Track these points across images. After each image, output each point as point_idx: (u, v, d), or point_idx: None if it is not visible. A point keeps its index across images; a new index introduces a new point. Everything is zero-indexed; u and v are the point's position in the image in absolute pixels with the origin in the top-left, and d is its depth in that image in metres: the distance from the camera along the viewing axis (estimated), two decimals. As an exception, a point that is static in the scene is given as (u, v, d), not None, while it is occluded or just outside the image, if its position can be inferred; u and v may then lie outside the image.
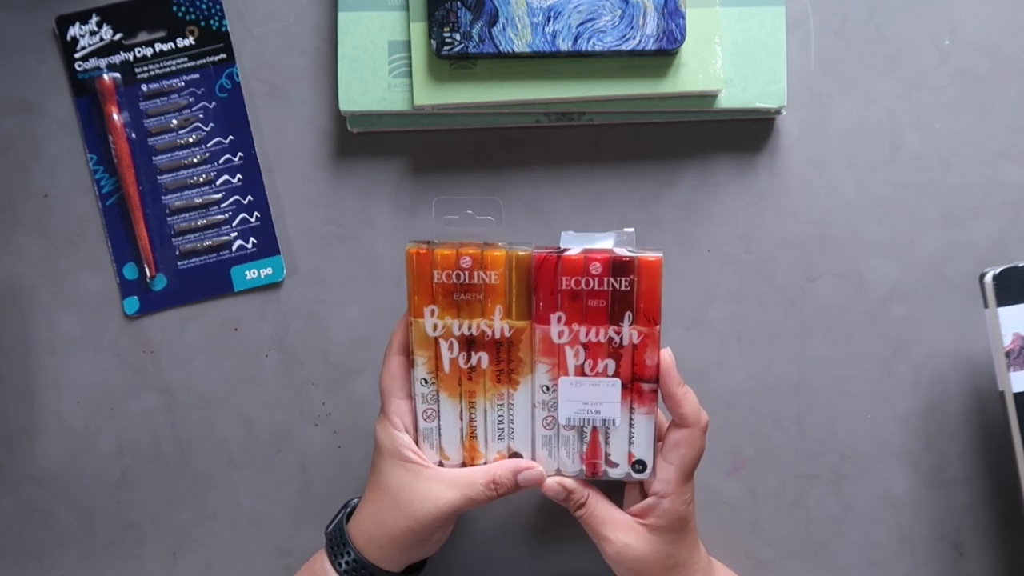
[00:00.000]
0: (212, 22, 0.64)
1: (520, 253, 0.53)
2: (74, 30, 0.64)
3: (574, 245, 0.53)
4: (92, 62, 0.64)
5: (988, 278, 0.57)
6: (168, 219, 0.64)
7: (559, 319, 0.53)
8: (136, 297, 0.65)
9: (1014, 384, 0.57)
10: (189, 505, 0.64)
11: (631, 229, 0.53)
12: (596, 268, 0.52)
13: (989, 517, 0.63)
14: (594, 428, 0.54)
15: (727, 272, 0.64)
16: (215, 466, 0.65)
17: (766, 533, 0.64)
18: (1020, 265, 0.57)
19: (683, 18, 0.59)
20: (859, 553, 0.64)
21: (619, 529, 0.54)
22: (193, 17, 0.64)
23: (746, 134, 0.64)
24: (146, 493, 0.65)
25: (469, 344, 0.54)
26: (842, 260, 0.64)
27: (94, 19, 0.64)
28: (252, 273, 0.65)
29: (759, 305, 0.64)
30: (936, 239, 0.64)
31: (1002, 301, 0.57)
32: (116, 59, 0.64)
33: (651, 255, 0.52)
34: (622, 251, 0.53)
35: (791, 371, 0.64)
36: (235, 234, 0.65)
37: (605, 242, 0.53)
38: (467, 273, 0.53)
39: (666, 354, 0.54)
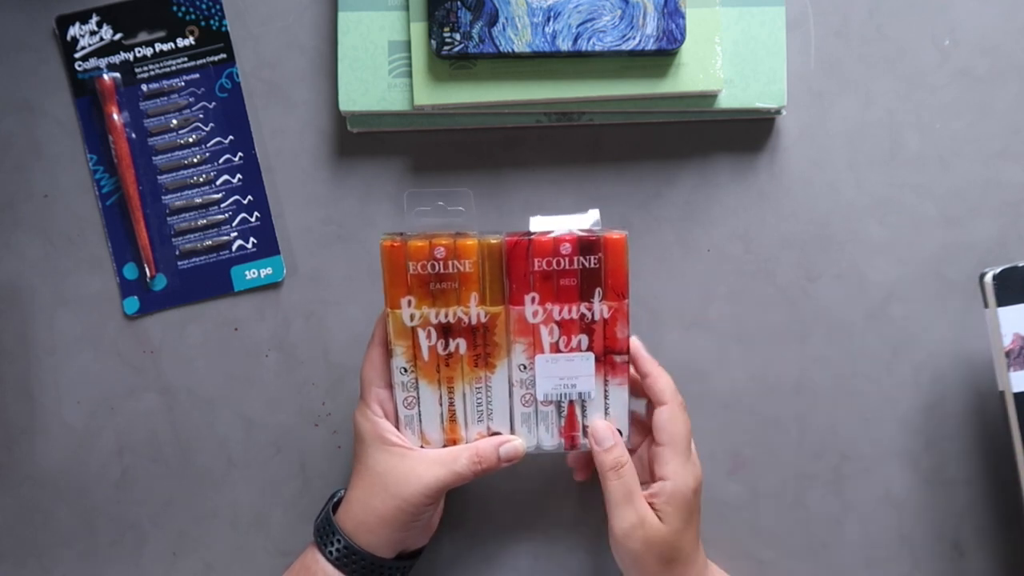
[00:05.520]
0: (212, 22, 0.64)
1: (492, 241, 0.55)
2: (74, 30, 0.64)
3: (543, 228, 0.55)
4: (92, 62, 0.64)
5: (988, 278, 0.57)
6: (168, 219, 0.64)
7: (533, 299, 0.55)
8: (136, 297, 0.65)
9: (1014, 384, 0.57)
10: (189, 505, 0.65)
11: (595, 209, 0.56)
12: (566, 248, 0.54)
13: (989, 517, 0.63)
14: (571, 402, 0.56)
15: (727, 272, 0.64)
16: (215, 466, 0.65)
17: (766, 533, 0.64)
18: (1020, 265, 0.57)
19: (683, 18, 0.59)
20: (859, 553, 0.64)
21: (638, 505, 0.54)
22: (193, 17, 0.64)
23: (746, 134, 0.64)
24: (146, 493, 0.65)
25: (446, 331, 0.56)
26: (842, 260, 0.64)
27: (94, 19, 0.64)
28: (252, 273, 0.65)
29: (759, 305, 0.64)
30: (936, 239, 0.64)
31: (1002, 301, 0.57)
32: (116, 59, 0.64)
33: (616, 233, 0.55)
34: (588, 231, 0.55)
35: (791, 371, 0.64)
36: (235, 234, 0.65)
37: (572, 223, 0.55)
38: (441, 263, 0.55)
39: (634, 340, 0.56)
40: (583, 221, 0.55)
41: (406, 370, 0.56)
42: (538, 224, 0.55)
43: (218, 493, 0.65)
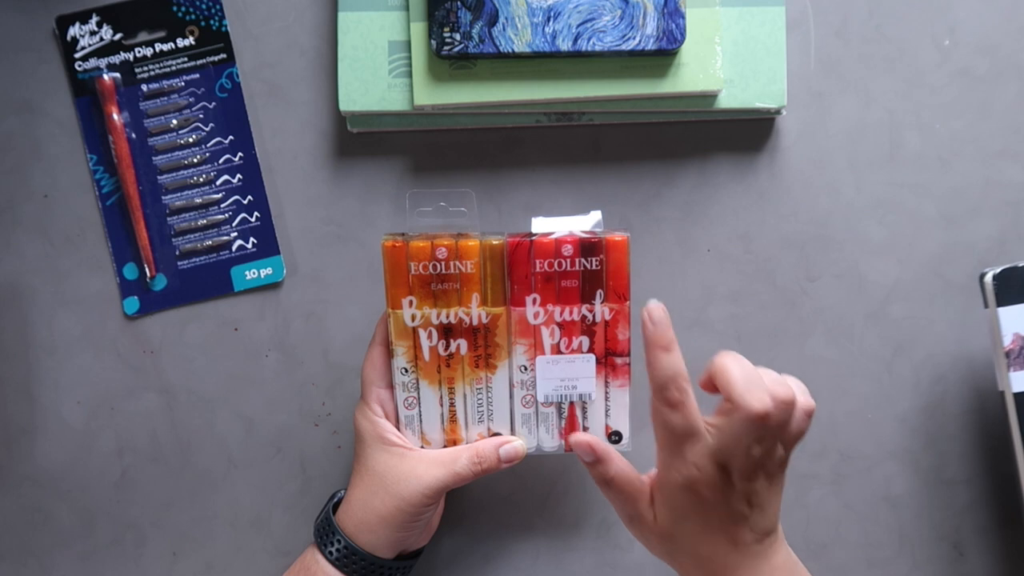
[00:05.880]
0: (212, 22, 0.64)
1: (493, 242, 0.55)
2: (74, 30, 0.64)
3: (545, 229, 0.55)
4: (92, 62, 0.64)
5: (988, 278, 0.58)
6: (168, 219, 0.64)
7: (534, 301, 0.55)
8: (136, 297, 0.65)
9: (1014, 384, 0.57)
10: (189, 505, 0.65)
11: (598, 211, 0.56)
12: (567, 250, 0.55)
13: (989, 517, 0.63)
14: (571, 403, 0.56)
15: (727, 272, 0.64)
16: (215, 466, 0.65)
17: (766, 533, 0.64)
18: (1020, 265, 0.57)
19: (683, 18, 0.59)
20: (859, 553, 0.64)
21: (632, 506, 0.52)
22: (193, 17, 0.64)
23: (746, 134, 0.64)
24: (146, 493, 0.65)
25: (447, 332, 0.56)
26: (842, 260, 0.64)
27: (94, 19, 0.64)
28: (252, 273, 0.65)
29: (759, 305, 0.64)
30: (936, 239, 0.64)
31: (1002, 301, 0.57)
32: (116, 59, 0.64)
33: (618, 235, 0.55)
34: (590, 232, 0.55)
35: (791, 371, 0.64)
36: (235, 234, 0.65)
37: (574, 225, 0.55)
38: (443, 263, 0.55)
39: (653, 305, 0.50)
40: (585, 223, 0.55)
41: (407, 370, 0.56)
42: (540, 225, 0.55)
43: (218, 493, 0.65)
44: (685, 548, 0.51)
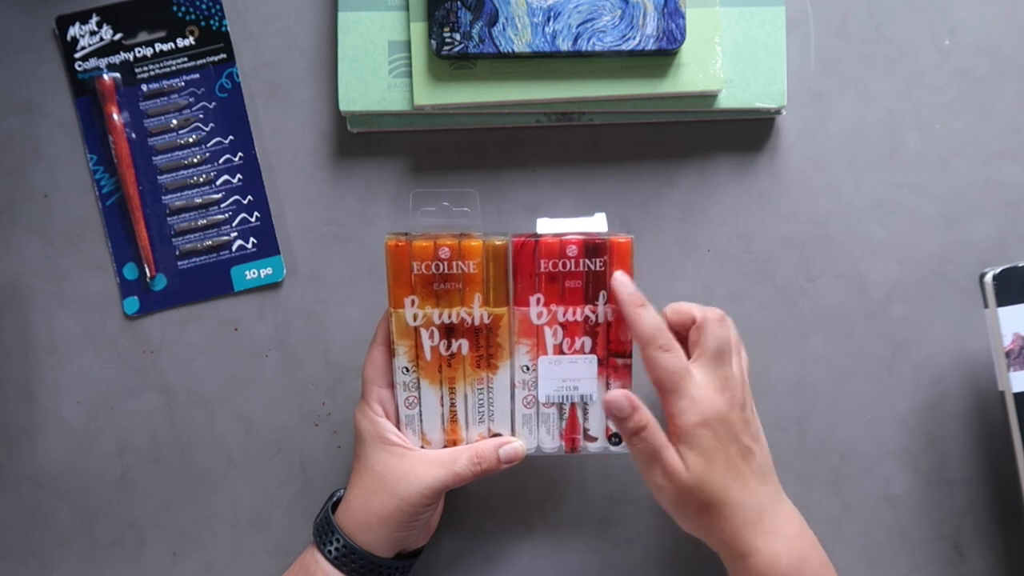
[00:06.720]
0: (212, 22, 0.64)
1: (497, 243, 0.55)
2: (74, 30, 0.64)
3: (549, 230, 0.55)
4: (92, 62, 0.64)
5: (988, 278, 0.58)
6: (168, 219, 0.64)
7: (538, 300, 0.55)
8: (136, 297, 0.65)
9: (1014, 384, 0.57)
10: (189, 505, 0.65)
11: (602, 213, 0.56)
12: (572, 250, 0.55)
13: (989, 517, 0.63)
14: (572, 404, 0.56)
15: (727, 272, 0.64)
16: (215, 466, 0.65)
17: (766, 533, 0.63)
18: (1020, 265, 0.57)
19: (683, 18, 0.59)
20: (859, 553, 0.64)
21: (663, 460, 0.52)
22: (193, 17, 0.64)
23: (746, 134, 0.64)
24: (146, 493, 0.65)
25: (449, 332, 0.56)
26: (842, 260, 0.64)
27: (94, 19, 0.64)
28: (252, 273, 0.65)
29: (759, 305, 0.64)
30: (936, 239, 0.64)
31: (1002, 301, 0.57)
32: (116, 59, 0.64)
33: (622, 236, 0.55)
34: (595, 234, 0.55)
35: (791, 371, 0.64)
36: (235, 234, 0.65)
37: (578, 226, 0.55)
38: (446, 263, 0.55)
39: (619, 275, 0.55)
40: (590, 224, 0.55)
41: (408, 370, 0.56)
42: (544, 226, 0.55)
43: (218, 493, 0.65)
44: (717, 496, 0.52)
